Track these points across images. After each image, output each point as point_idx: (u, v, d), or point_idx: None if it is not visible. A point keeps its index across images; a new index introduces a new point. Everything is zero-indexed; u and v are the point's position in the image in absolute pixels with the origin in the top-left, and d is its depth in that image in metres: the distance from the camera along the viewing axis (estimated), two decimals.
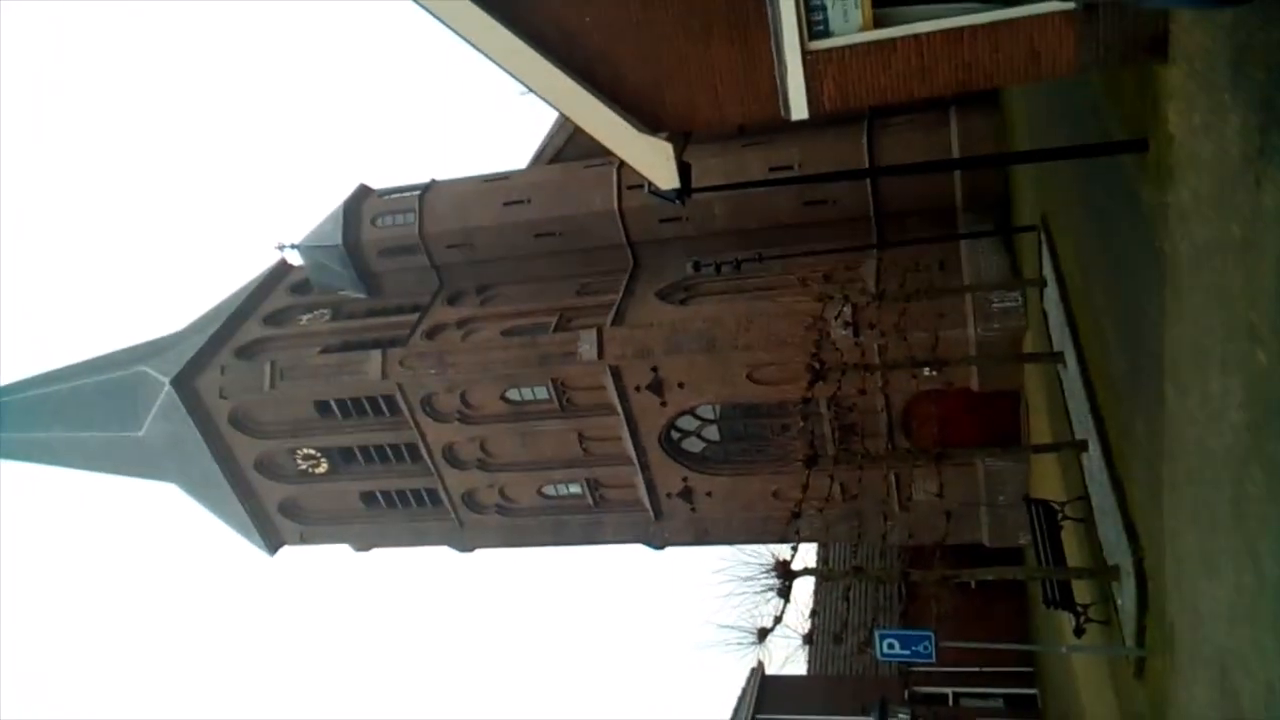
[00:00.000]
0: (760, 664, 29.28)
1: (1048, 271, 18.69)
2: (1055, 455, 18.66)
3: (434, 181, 34.48)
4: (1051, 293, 18.35)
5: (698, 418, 30.13)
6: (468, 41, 10.31)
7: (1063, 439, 17.15)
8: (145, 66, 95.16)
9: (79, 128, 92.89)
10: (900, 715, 19.49)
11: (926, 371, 19.95)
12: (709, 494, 30.86)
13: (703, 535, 31.83)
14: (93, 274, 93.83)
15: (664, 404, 29.09)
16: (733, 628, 18.49)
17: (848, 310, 24.85)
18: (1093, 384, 15.15)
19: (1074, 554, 17.26)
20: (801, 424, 23.29)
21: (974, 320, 24.81)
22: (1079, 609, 15.96)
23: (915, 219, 28.76)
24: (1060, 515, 17.47)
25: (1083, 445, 15.62)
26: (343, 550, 36.60)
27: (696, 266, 25.37)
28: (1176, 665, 10.79)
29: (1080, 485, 16.32)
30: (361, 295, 34.54)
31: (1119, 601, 13.67)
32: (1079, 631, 15.93)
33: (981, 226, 26.80)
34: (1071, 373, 16.41)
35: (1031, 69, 9.30)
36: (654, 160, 10.94)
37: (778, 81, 10.01)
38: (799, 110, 10.16)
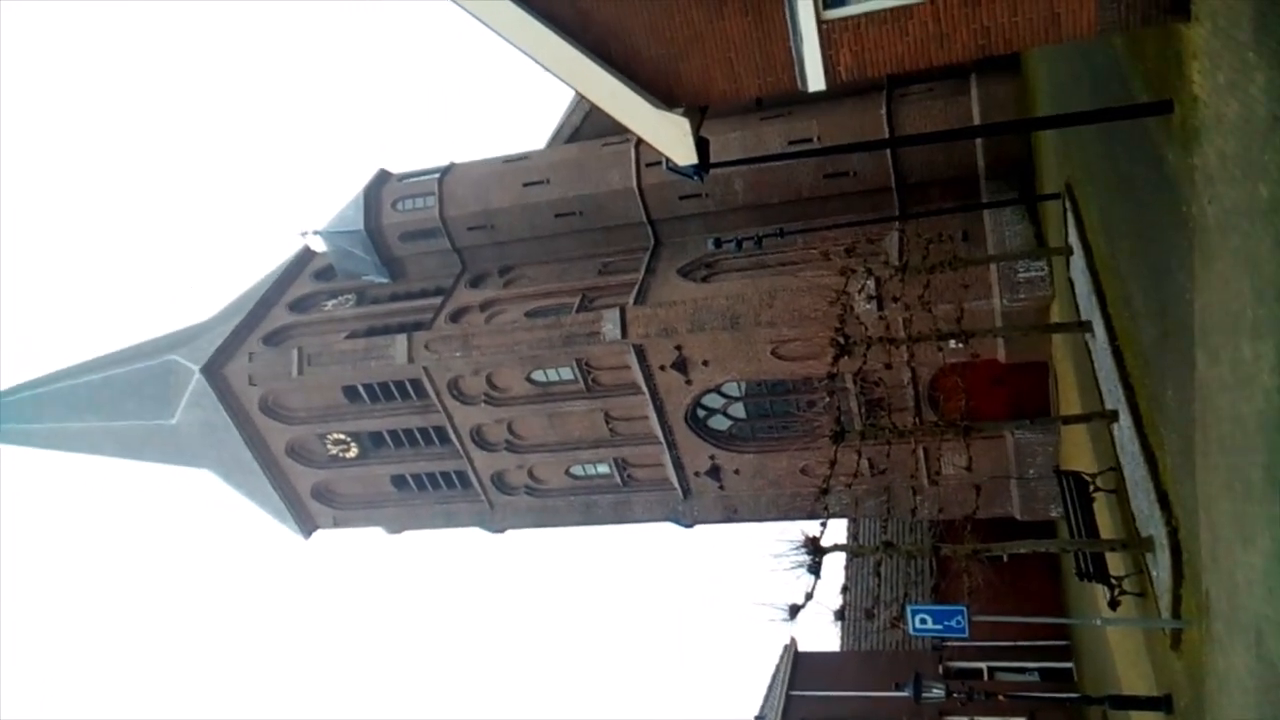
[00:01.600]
0: (793, 640, 29.32)
1: (1073, 239, 18.39)
2: (1085, 426, 18.43)
3: (453, 164, 34.48)
4: (1078, 261, 18.06)
5: (723, 395, 30.06)
6: (483, 23, 10.24)
7: (1092, 409, 16.92)
8: (171, 57, 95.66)
9: (108, 120, 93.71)
10: (935, 690, 19.34)
11: (952, 344, 19.71)
12: (736, 471, 30.82)
13: (731, 513, 31.82)
14: (120, 265, 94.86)
15: (689, 382, 29.03)
16: (765, 604, 18.51)
17: (871, 284, 24.65)
18: (1122, 353, 14.91)
19: (1107, 526, 17.07)
20: (827, 399, 23.14)
21: (999, 291, 24.53)
22: (1113, 581, 15.80)
23: (937, 189, 28.46)
24: (1092, 487, 17.28)
25: (1113, 415, 15.41)
26: (376, 533, 36.93)
27: (718, 243, 25.22)
28: (1212, 635, 10.65)
29: (1112, 456, 16.11)
30: (385, 280, 34.69)
31: (1153, 573, 13.51)
32: (1114, 604, 15.77)
33: (1005, 195, 26.44)
34: (1100, 342, 16.17)
35: (1051, 31, 9.11)
36: (671, 136, 10.84)
37: (793, 52, 9.88)
38: (816, 81, 10.03)
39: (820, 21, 9.54)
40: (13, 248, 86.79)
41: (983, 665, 28.41)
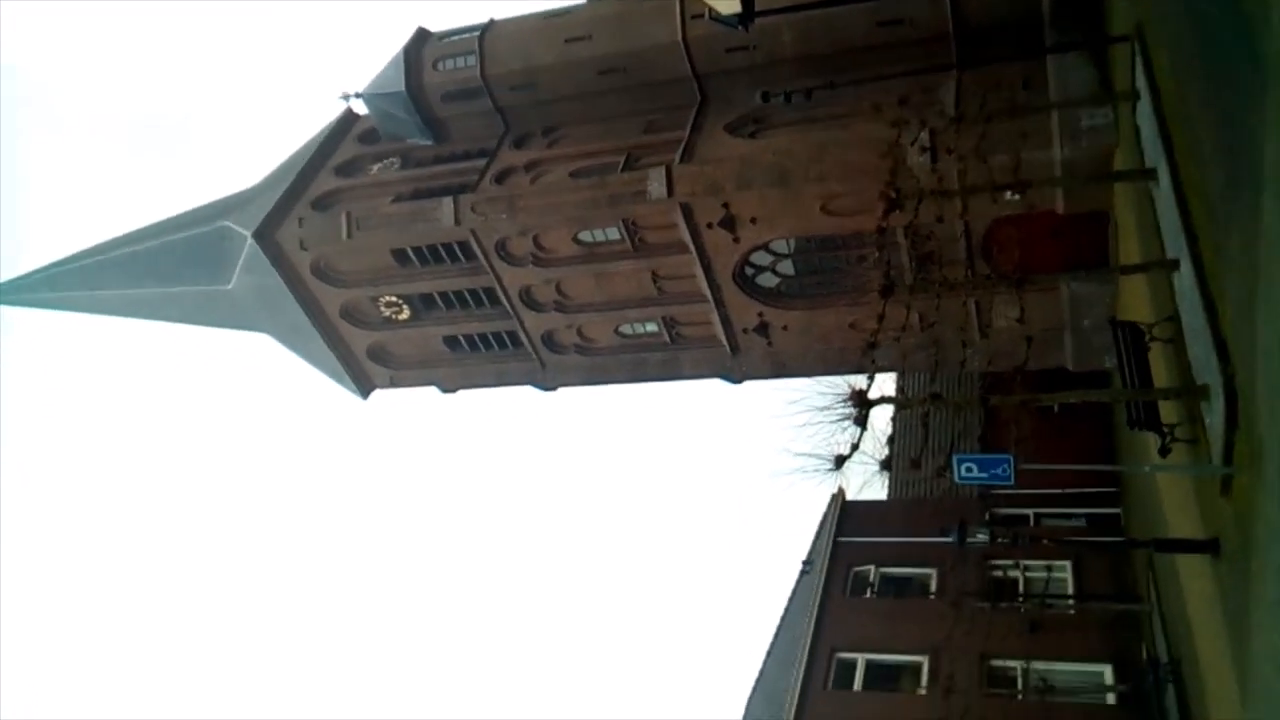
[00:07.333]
0: (841, 490, 30.07)
1: (1141, 84, 17.68)
2: (1144, 276, 18.19)
3: (493, 21, 33.63)
4: (1144, 106, 17.42)
5: (771, 253, 29.92)
6: None
7: (1153, 259, 16.66)
8: None
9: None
10: (979, 535, 19.97)
11: (1008, 195, 19.30)
12: (785, 328, 30.96)
13: (780, 368, 32.15)
14: (166, 132, 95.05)
15: (736, 240, 28.88)
16: (810, 455, 18.95)
17: (925, 135, 24.01)
18: (1186, 200, 14.58)
19: (1161, 375, 17.07)
20: (878, 254, 22.96)
21: (1060, 140, 23.77)
22: (1165, 429, 15.89)
23: (999, 36, 27.22)
24: (1148, 336, 17.18)
25: (1174, 264, 15.17)
26: (432, 394, 37.87)
27: (765, 97, 24.50)
28: (1264, 480, 10.80)
29: (1170, 306, 15.95)
30: (428, 142, 34.45)
31: (1207, 420, 13.58)
32: (1164, 451, 15.90)
33: (1070, 39, 25.25)
34: (1164, 190, 15.77)
35: None
36: None
37: None
38: None
39: None
40: (63, 124, 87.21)
41: (1030, 512, 28.94)
